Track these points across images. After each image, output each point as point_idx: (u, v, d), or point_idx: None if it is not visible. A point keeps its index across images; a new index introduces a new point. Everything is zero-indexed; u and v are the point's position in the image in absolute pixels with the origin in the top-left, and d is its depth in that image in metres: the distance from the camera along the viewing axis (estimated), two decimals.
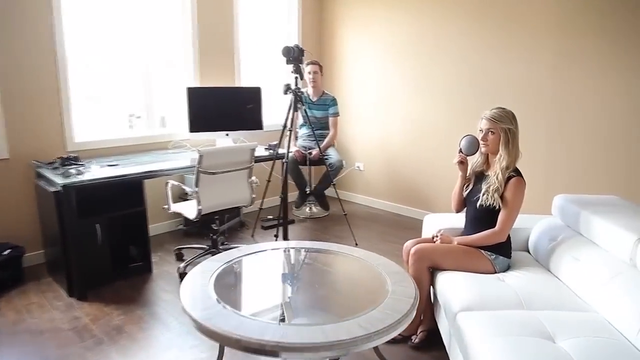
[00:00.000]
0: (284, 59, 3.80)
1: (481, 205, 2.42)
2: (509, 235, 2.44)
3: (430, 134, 4.61)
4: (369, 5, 4.91)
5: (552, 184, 3.71)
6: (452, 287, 2.23)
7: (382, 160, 5.11)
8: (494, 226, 2.41)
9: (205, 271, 2.16)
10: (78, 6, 3.64)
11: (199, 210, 3.20)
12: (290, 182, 4.54)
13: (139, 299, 3.05)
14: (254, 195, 3.51)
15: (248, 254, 2.44)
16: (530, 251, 2.68)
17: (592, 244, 2.23)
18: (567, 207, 2.53)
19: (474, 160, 2.60)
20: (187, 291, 1.96)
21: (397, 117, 4.86)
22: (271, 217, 4.60)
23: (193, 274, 2.15)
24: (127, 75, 4.05)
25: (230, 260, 2.32)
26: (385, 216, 4.94)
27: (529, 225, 2.70)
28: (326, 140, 4.66)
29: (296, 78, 3.81)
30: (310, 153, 4.56)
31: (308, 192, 4.82)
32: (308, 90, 4.69)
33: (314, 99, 4.72)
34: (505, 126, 2.38)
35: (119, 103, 4.07)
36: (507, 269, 2.45)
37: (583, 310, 1.99)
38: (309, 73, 4.58)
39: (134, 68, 4.06)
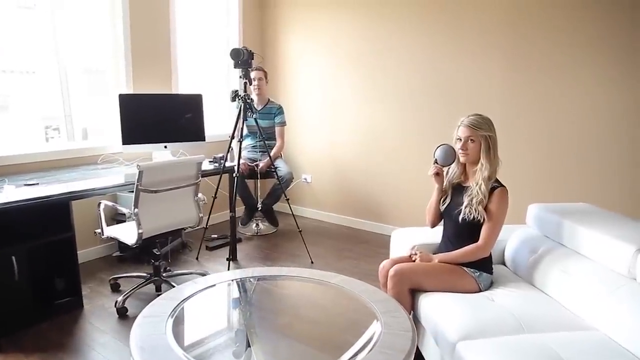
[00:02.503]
0: (229, 63, 3.47)
1: (463, 219, 2.24)
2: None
3: (381, 143, 4.45)
4: (312, 8, 4.69)
5: (519, 192, 3.65)
6: (441, 311, 2.02)
7: (331, 172, 4.88)
8: (476, 240, 2.24)
9: (157, 315, 1.77)
10: None
11: (140, 234, 2.77)
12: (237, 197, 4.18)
13: (68, 344, 2.55)
14: (201, 214, 3.13)
15: (203, 289, 2.06)
16: (508, 264, 2.55)
17: (579, 256, 2.12)
18: (545, 216, 2.43)
19: (450, 171, 2.43)
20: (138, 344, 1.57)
21: (346, 125, 4.67)
22: (216, 235, 4.21)
23: (141, 321, 1.74)
24: (41, 81, 3.50)
25: (184, 300, 1.93)
26: (337, 230, 4.71)
27: (504, 236, 2.56)
28: (273, 151, 4.35)
29: (245, 84, 3.48)
30: (257, 165, 4.23)
31: (259, 207, 4.48)
32: (254, 97, 4.37)
33: (259, 108, 4.40)
34: (485, 133, 2.23)
35: (32, 113, 3.51)
36: (490, 285, 2.29)
37: (584, 328, 1.86)
38: (253, 79, 4.25)
39: (49, 73, 3.52)
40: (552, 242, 2.34)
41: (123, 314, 2.86)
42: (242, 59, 3.33)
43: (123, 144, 3.48)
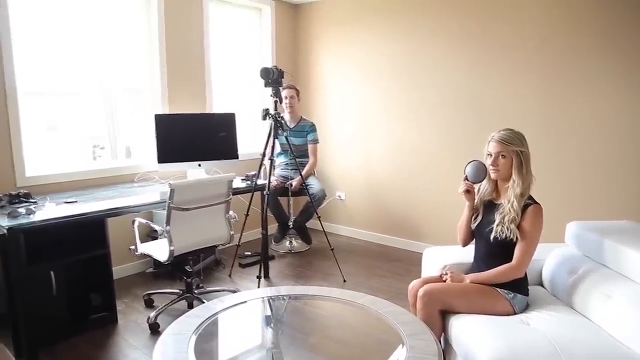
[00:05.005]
0: (261, 82, 3.51)
1: (495, 238, 2.16)
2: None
3: (413, 159, 4.38)
4: (344, 26, 4.72)
5: (557, 209, 3.50)
6: (473, 334, 1.93)
7: (364, 189, 4.84)
8: (510, 260, 2.15)
9: (182, 333, 1.78)
10: (31, 34, 3.26)
11: (171, 252, 2.82)
12: (270, 215, 4.20)
13: (101, 358, 2.61)
14: (232, 232, 3.16)
15: (230, 307, 2.06)
16: (545, 285, 2.43)
17: (624, 279, 1.99)
18: (585, 235, 2.30)
19: (481, 188, 2.35)
20: None
21: (378, 142, 4.63)
22: (249, 253, 4.23)
23: (167, 337, 1.76)
24: (89, 103, 3.66)
25: (211, 317, 1.94)
26: (370, 248, 4.65)
27: (541, 256, 2.45)
28: (306, 168, 4.37)
29: (275, 102, 3.52)
30: (291, 184, 4.24)
31: (291, 225, 4.48)
32: (285, 116, 4.41)
33: (292, 125, 4.44)
34: (517, 148, 2.15)
35: (81, 133, 3.67)
36: (526, 307, 2.18)
37: (627, 357, 1.73)
38: (285, 98, 4.30)
39: (96, 95, 3.69)
40: (593, 263, 2.21)
41: (155, 330, 2.90)
42: (272, 77, 3.37)
43: (158, 162, 3.58)
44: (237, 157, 3.92)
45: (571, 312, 2.10)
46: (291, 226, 4.49)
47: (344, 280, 3.71)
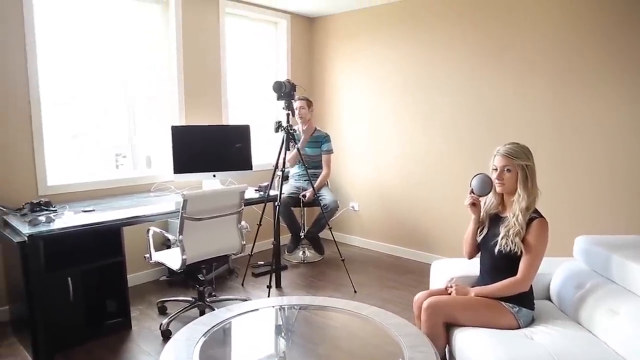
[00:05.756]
0: (275, 94, 3.59)
1: (500, 251, 2.16)
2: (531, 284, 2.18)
3: (426, 171, 4.39)
4: (360, 38, 4.79)
5: (567, 223, 3.49)
6: (475, 347, 1.94)
7: (377, 200, 4.87)
8: (515, 274, 2.15)
9: (189, 339, 1.84)
10: (55, 46, 3.41)
11: (184, 260, 2.90)
12: (283, 225, 4.26)
13: None
14: (244, 242, 3.22)
15: (237, 315, 2.12)
16: (553, 299, 2.42)
17: (630, 294, 1.98)
18: (593, 249, 2.29)
19: (487, 201, 2.36)
20: None
21: (391, 153, 4.66)
22: (262, 262, 4.29)
23: (174, 343, 1.82)
24: (111, 113, 3.80)
25: (217, 325, 2.00)
26: (382, 259, 4.66)
27: (549, 270, 2.45)
28: (319, 179, 4.42)
29: (288, 115, 3.59)
30: (304, 196, 4.29)
31: (302, 236, 4.53)
32: (298, 127, 4.48)
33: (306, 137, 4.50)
34: (522, 162, 2.16)
35: (104, 142, 3.81)
36: (532, 322, 2.18)
37: None
38: (296, 109, 4.36)
39: (117, 105, 3.82)
40: (601, 278, 2.20)
41: (167, 337, 2.97)
42: (285, 91, 3.44)
43: (174, 172, 3.67)
44: (251, 168, 3.99)
45: (577, 327, 2.09)
46: (302, 237, 4.53)
47: (355, 291, 3.73)
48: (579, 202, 3.51)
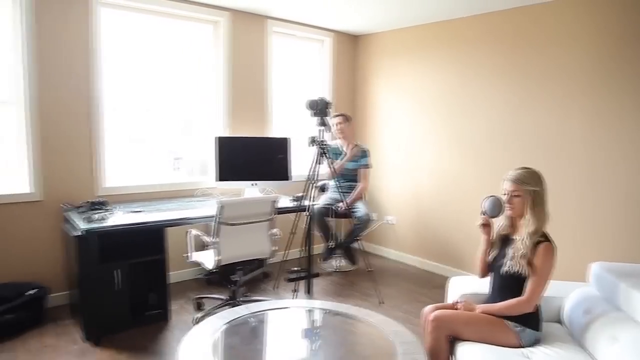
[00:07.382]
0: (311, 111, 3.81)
1: (506, 272, 2.25)
2: (538, 306, 2.24)
3: (460, 187, 4.45)
4: (401, 56, 4.93)
5: (588, 248, 3.45)
6: None
7: (413, 214, 4.96)
8: (521, 294, 2.22)
9: (206, 333, 2.08)
10: (118, 60, 3.84)
11: (218, 261, 3.16)
12: (317, 234, 4.45)
13: (151, 350, 2.99)
14: (274, 248, 3.45)
15: (254, 313, 2.34)
16: (564, 323, 2.45)
17: (633, 323, 2.00)
18: (604, 276, 2.32)
19: (499, 223, 2.45)
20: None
21: (428, 169, 4.75)
22: (297, 268, 4.49)
23: (189, 339, 2.06)
24: (166, 121, 4.22)
25: (234, 319, 2.22)
26: (415, 273, 4.74)
27: (563, 293, 2.48)
28: (356, 192, 4.58)
29: (321, 130, 3.80)
30: (338, 207, 4.47)
31: (332, 245, 4.70)
32: (337, 142, 4.68)
33: (347, 151, 4.68)
34: (530, 188, 2.24)
35: (159, 148, 4.23)
36: (535, 342, 2.23)
37: None
38: (334, 125, 4.58)
39: (173, 114, 4.24)
40: (609, 305, 2.22)
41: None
42: (318, 108, 3.67)
43: (217, 180, 3.97)
44: (289, 179, 4.23)
45: (580, 351, 2.13)
46: (332, 246, 4.68)
47: (380, 302, 3.85)
48: (602, 227, 3.45)
